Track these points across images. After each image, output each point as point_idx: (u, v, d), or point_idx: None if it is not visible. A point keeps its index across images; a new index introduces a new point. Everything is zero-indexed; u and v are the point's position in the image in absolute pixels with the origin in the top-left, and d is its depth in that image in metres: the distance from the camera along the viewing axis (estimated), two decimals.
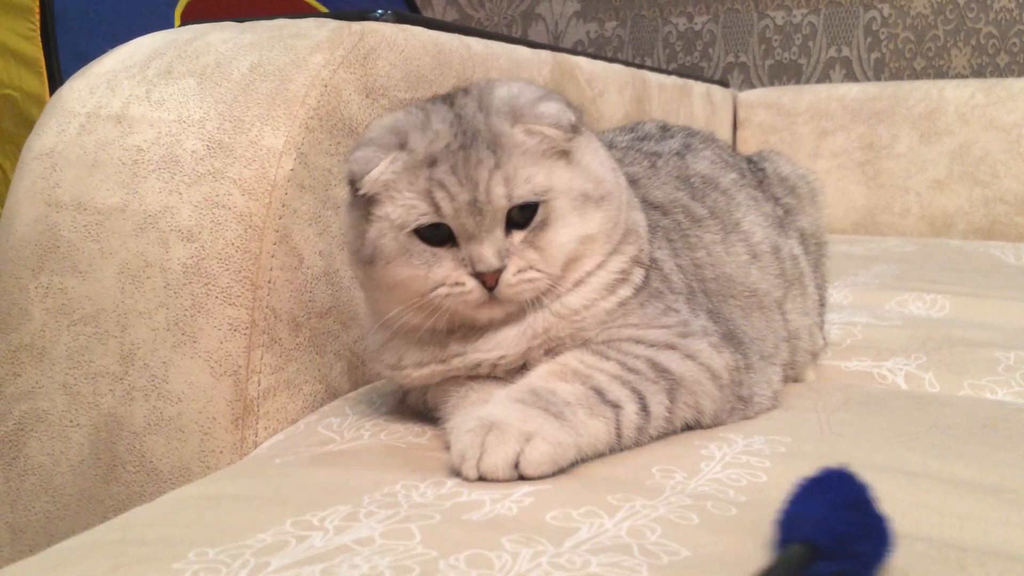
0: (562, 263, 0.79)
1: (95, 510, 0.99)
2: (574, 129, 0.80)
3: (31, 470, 1.02)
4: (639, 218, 0.88)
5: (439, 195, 0.76)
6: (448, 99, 0.83)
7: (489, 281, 0.77)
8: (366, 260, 0.81)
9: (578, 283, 0.81)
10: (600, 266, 0.82)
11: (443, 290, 0.78)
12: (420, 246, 0.78)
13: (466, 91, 0.84)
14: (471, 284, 0.77)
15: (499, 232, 0.77)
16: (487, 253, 0.76)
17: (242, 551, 0.59)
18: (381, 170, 0.78)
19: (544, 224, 0.78)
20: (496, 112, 0.79)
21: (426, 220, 0.77)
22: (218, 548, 0.59)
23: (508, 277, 0.77)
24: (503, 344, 0.80)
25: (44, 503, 1.02)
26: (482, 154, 0.77)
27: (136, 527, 0.66)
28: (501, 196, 0.76)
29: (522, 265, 0.77)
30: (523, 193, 0.77)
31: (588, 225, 0.80)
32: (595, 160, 0.83)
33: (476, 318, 0.80)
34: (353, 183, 0.80)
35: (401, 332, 0.84)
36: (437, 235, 0.78)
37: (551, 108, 0.79)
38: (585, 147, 0.83)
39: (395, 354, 0.85)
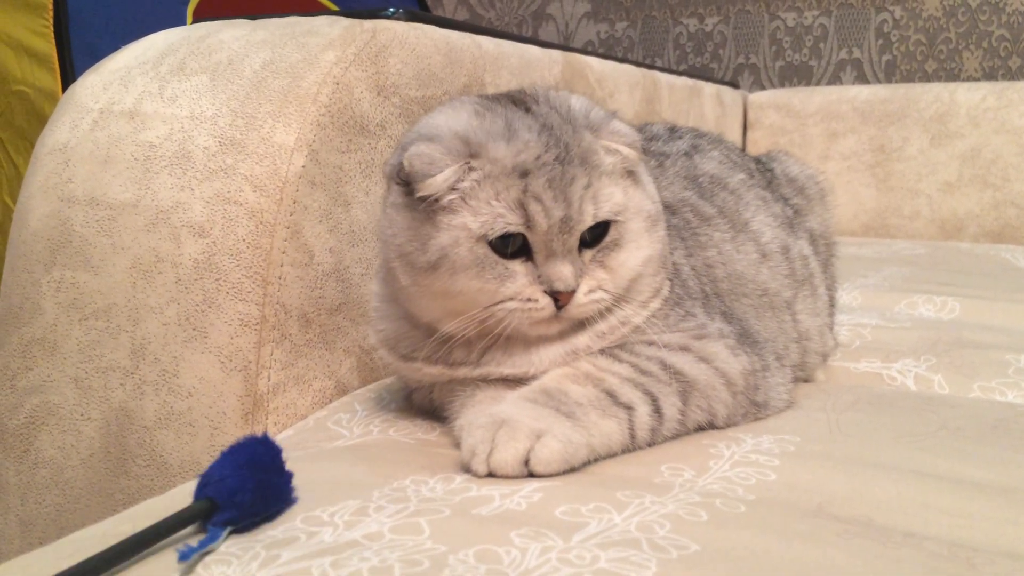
0: (628, 283, 0.79)
1: (105, 503, 1.00)
2: (643, 150, 0.81)
3: (42, 463, 1.02)
4: (663, 230, 0.87)
5: (534, 208, 0.74)
6: (519, 103, 0.80)
7: (563, 300, 0.76)
8: (425, 266, 0.76)
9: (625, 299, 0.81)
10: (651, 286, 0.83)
11: (512, 304, 0.76)
12: (494, 258, 0.75)
13: (533, 97, 0.82)
14: (544, 301, 0.76)
15: (575, 252, 0.77)
16: (567, 273, 0.75)
17: (253, 544, 0.59)
18: (446, 176, 0.74)
19: (615, 244, 0.78)
20: (580, 126, 0.78)
21: (513, 230, 0.74)
22: (229, 541, 0.59)
23: (580, 297, 0.77)
24: (536, 362, 0.79)
25: (54, 496, 1.02)
26: (576, 170, 0.76)
27: (147, 520, 0.66)
28: (590, 215, 0.76)
29: (592, 285, 0.77)
30: (606, 212, 0.77)
31: (653, 245, 0.81)
32: (651, 182, 0.84)
33: (528, 334, 0.78)
34: (409, 182, 0.76)
35: (421, 328, 0.83)
36: (509, 249, 0.75)
37: (624, 128, 0.80)
38: (644, 168, 0.84)
39: (409, 344, 0.84)
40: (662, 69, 2.13)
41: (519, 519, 0.62)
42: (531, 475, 0.69)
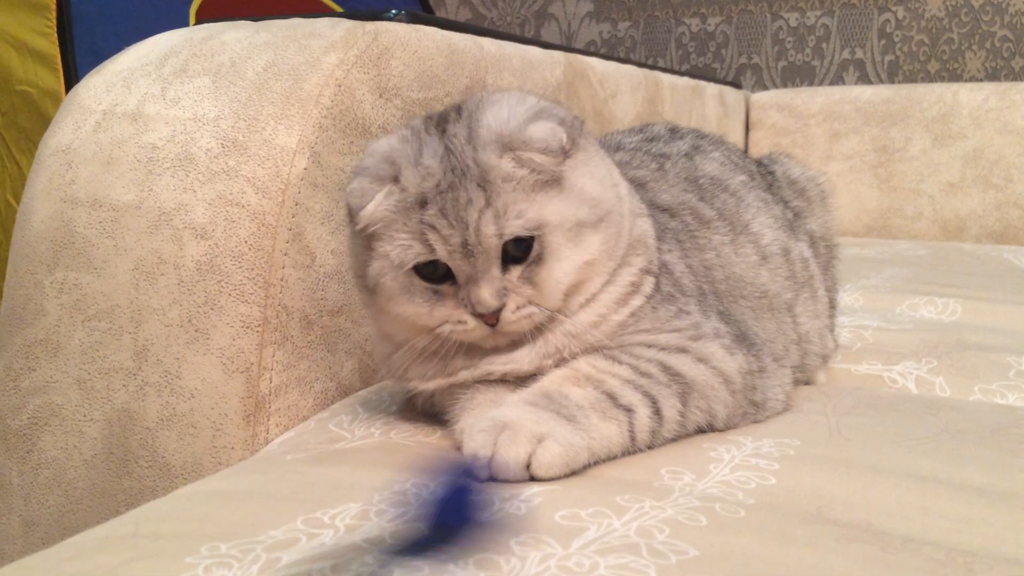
0: (561, 295, 0.79)
1: (108, 504, 1.00)
2: (565, 152, 0.78)
3: (45, 464, 1.03)
4: (646, 226, 0.87)
5: (432, 237, 0.76)
6: (441, 123, 0.81)
7: (489, 320, 0.77)
8: (369, 291, 0.81)
9: (588, 301, 0.81)
10: (608, 283, 0.81)
11: (447, 327, 0.78)
12: (421, 284, 0.78)
13: (459, 111, 0.82)
14: (472, 323, 0.77)
15: (495, 271, 0.77)
16: (484, 295, 0.76)
17: (254, 546, 0.59)
18: (376, 205, 0.77)
19: (539, 259, 0.77)
20: (484, 143, 0.77)
21: (422, 259, 0.77)
22: (230, 543, 0.60)
23: (507, 315, 0.77)
24: (516, 359, 0.80)
25: (57, 497, 1.02)
26: (472, 193, 0.75)
27: (149, 521, 0.66)
28: (492, 235, 0.75)
29: (520, 302, 0.77)
30: (514, 230, 0.75)
31: (586, 252, 0.79)
32: (592, 179, 0.80)
33: (482, 345, 0.80)
34: (351, 215, 0.79)
35: (404, 348, 0.84)
36: (437, 273, 0.78)
37: (540, 131, 0.77)
38: (581, 167, 0.80)
39: (400, 366, 0.85)
40: (664, 69, 2.13)
41: (518, 524, 0.62)
42: (532, 479, 0.69)
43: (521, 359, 0.80)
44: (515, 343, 0.80)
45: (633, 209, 0.86)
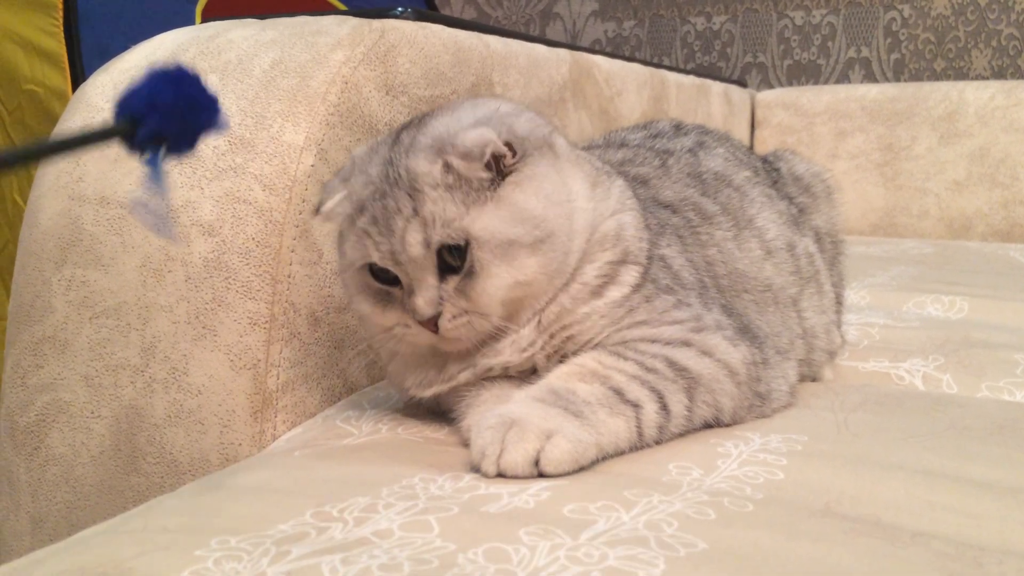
0: (496, 310, 0.78)
1: (115, 501, 1.00)
2: (491, 163, 0.76)
3: (52, 460, 1.03)
4: (627, 219, 0.85)
5: (367, 243, 0.78)
6: (400, 130, 0.83)
7: (428, 327, 0.78)
8: (344, 289, 0.86)
9: (545, 306, 0.80)
10: (568, 283, 0.80)
11: (398, 329, 0.80)
12: (375, 285, 0.81)
13: (421, 119, 0.83)
14: (416, 328, 0.79)
15: (430, 279, 0.77)
16: (418, 303, 0.77)
17: (263, 540, 0.59)
18: (332, 203, 0.81)
19: (471, 272, 0.76)
20: (419, 149, 0.77)
21: (365, 262, 0.79)
22: (239, 536, 0.60)
23: (444, 323, 0.77)
24: (503, 353, 0.80)
25: (65, 493, 1.03)
26: (400, 201, 0.76)
27: (158, 516, 0.67)
28: (417, 244, 0.76)
29: (455, 312, 0.77)
30: (441, 238, 0.75)
31: (520, 272, 0.77)
32: (535, 197, 0.77)
33: (437, 346, 0.81)
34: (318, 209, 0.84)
35: (395, 353, 0.86)
36: (389, 275, 0.79)
37: (468, 137, 0.75)
38: (526, 183, 0.77)
39: (398, 374, 0.86)
40: (670, 68, 2.13)
41: (527, 517, 0.62)
42: (541, 475, 0.69)
43: (504, 352, 0.80)
44: (493, 337, 0.80)
45: (614, 208, 0.84)
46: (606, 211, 0.84)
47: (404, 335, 0.80)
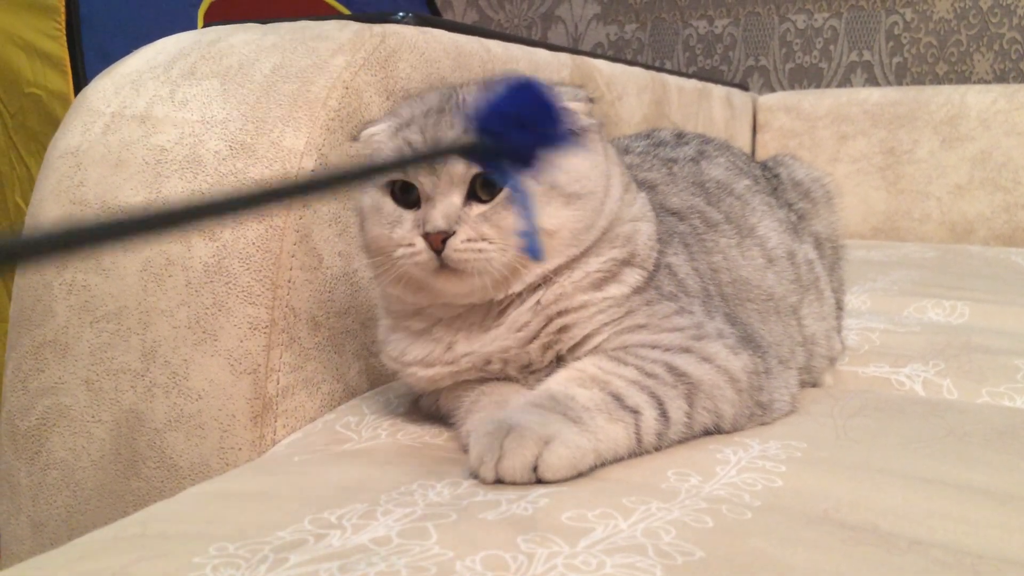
0: (513, 242, 0.78)
1: (115, 505, 1.01)
2: (589, 111, 0.81)
3: (53, 464, 1.03)
4: (643, 228, 0.86)
5: (405, 152, 0.78)
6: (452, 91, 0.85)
7: (435, 243, 0.76)
8: (360, 225, 0.85)
9: (548, 280, 0.81)
10: (569, 265, 0.82)
11: (400, 251, 0.79)
12: (391, 205, 0.80)
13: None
14: (420, 245, 0.77)
15: (455, 199, 0.77)
16: (435, 214, 0.76)
17: (261, 547, 0.59)
18: (376, 128, 0.84)
19: (503, 205, 0.77)
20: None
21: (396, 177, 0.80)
22: (237, 543, 0.60)
23: (455, 242, 0.76)
24: (499, 336, 0.81)
25: (65, 497, 1.03)
26: (454, 119, 0.78)
27: (157, 522, 0.67)
28: (461, 160, 0.75)
29: (472, 235, 0.77)
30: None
31: (550, 219, 0.79)
32: (586, 160, 0.81)
33: (434, 286, 0.80)
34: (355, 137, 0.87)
35: (401, 320, 0.86)
36: (408, 198, 0.80)
37: (567, 90, 0.81)
38: (581, 145, 0.81)
39: (397, 346, 0.86)
40: (671, 71, 2.13)
41: (525, 524, 0.62)
42: (539, 481, 0.69)
43: (501, 335, 0.81)
44: (493, 324, 0.80)
45: (624, 211, 0.85)
46: (627, 215, 0.86)
47: (403, 257, 0.78)
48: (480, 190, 0.78)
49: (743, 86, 2.69)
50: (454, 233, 0.76)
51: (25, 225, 1.09)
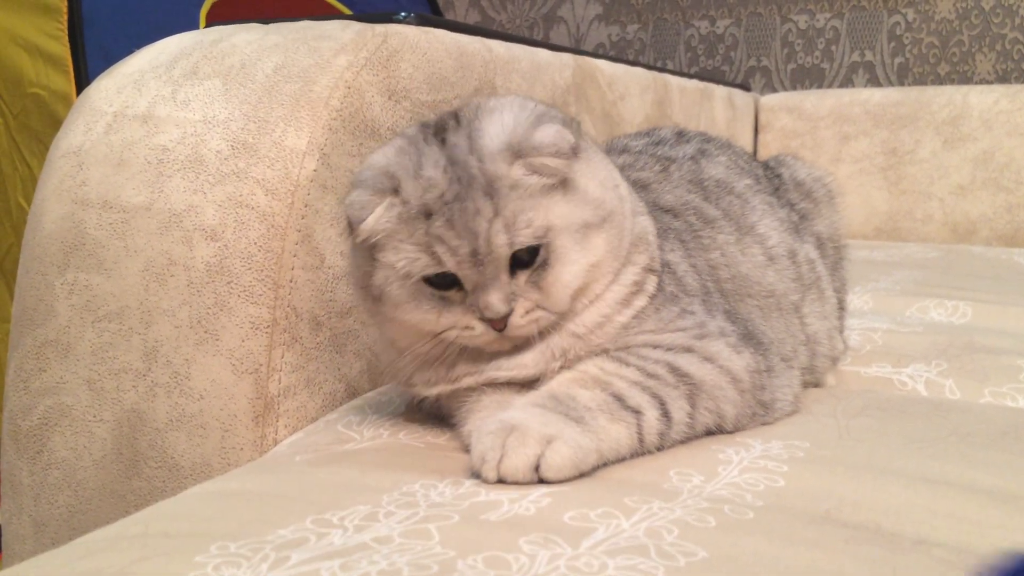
0: (568, 299, 0.79)
1: (117, 504, 1.01)
2: (574, 151, 0.78)
3: (55, 464, 1.03)
4: (647, 224, 0.87)
5: (439, 249, 0.76)
6: (440, 132, 0.81)
7: (497, 325, 0.77)
8: (374, 298, 0.81)
9: (592, 302, 0.81)
10: (612, 283, 0.81)
11: (453, 332, 0.79)
12: (428, 291, 0.78)
13: (457, 119, 0.81)
14: (480, 328, 0.78)
15: (504, 277, 0.77)
16: (494, 301, 0.76)
17: (263, 545, 0.59)
18: (376, 217, 0.77)
19: (546, 264, 0.77)
20: (491, 152, 0.77)
21: (431, 271, 0.77)
22: (239, 542, 0.60)
23: (516, 320, 0.77)
24: (522, 363, 0.80)
25: (67, 497, 1.03)
26: (479, 203, 0.75)
27: (159, 521, 0.67)
28: (502, 245, 0.75)
29: (528, 306, 0.77)
30: (524, 239, 0.76)
31: (592, 254, 0.79)
32: (593, 180, 0.81)
33: (487, 350, 0.80)
34: (351, 227, 0.79)
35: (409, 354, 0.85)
36: (444, 280, 0.78)
37: (548, 135, 0.76)
38: (584, 168, 0.80)
39: (404, 372, 0.85)
40: (673, 72, 2.13)
41: (528, 524, 0.62)
42: (541, 481, 0.69)
43: (526, 363, 0.80)
44: (518, 347, 0.80)
45: (634, 208, 0.86)
46: (636, 208, 0.86)
47: (459, 337, 0.79)
48: (522, 253, 0.77)
49: (745, 86, 2.69)
50: (512, 311, 0.77)
51: (28, 225, 1.09)
